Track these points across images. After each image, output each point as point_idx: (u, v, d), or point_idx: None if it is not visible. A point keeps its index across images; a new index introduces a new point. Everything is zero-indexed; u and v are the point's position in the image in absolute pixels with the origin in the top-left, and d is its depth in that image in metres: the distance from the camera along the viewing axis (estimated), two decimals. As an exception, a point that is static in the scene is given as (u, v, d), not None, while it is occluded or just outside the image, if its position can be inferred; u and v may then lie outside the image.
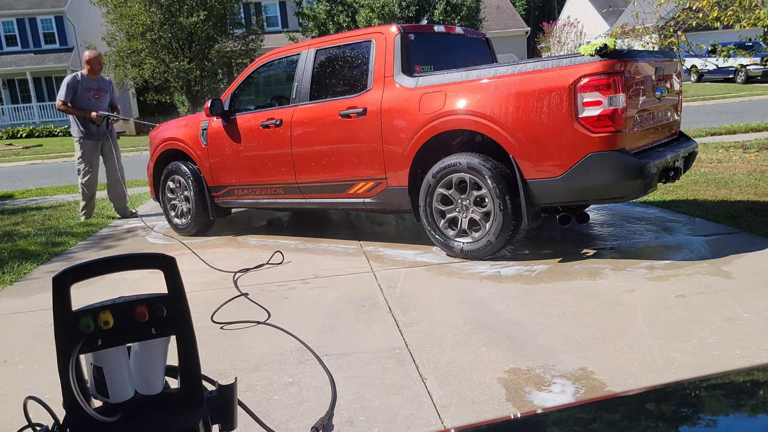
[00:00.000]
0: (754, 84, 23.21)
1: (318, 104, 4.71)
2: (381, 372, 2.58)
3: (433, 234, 4.25)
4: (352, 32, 4.77)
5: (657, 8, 8.64)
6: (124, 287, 4.09)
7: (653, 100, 3.98)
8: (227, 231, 5.86)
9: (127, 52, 23.51)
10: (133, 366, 0.98)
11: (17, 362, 3.02)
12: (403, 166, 4.27)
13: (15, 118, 28.52)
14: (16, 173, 15.23)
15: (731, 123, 11.39)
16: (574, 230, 4.77)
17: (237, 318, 3.39)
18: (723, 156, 7.70)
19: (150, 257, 0.96)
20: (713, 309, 2.96)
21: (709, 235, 4.29)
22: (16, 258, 5.13)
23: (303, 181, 4.85)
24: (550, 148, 3.69)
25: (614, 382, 2.33)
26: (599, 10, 32.87)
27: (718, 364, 2.41)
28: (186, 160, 5.67)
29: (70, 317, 0.90)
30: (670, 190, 5.82)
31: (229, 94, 5.31)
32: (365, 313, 3.31)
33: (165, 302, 0.96)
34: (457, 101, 3.98)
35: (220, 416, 1.03)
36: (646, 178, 3.59)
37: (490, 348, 2.72)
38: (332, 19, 23.08)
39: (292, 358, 2.80)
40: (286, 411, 2.32)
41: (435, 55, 4.72)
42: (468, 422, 2.14)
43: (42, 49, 29.09)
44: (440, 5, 21.76)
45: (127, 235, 6.03)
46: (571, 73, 3.58)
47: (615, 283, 3.44)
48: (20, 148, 23.33)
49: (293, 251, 4.85)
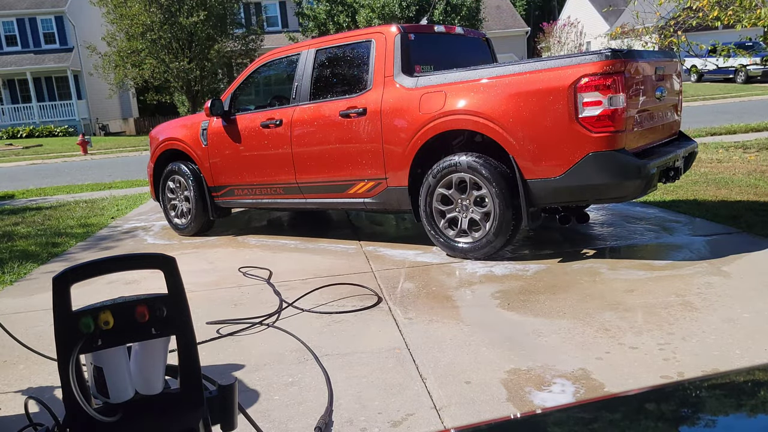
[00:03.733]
0: (754, 84, 23.21)
1: (318, 104, 4.71)
2: (381, 372, 2.58)
3: (433, 234, 4.25)
4: (352, 32, 4.77)
5: (657, 8, 8.64)
6: (125, 287, 4.09)
7: (653, 100, 3.98)
8: (227, 231, 5.86)
9: (127, 52, 23.53)
10: (133, 366, 0.98)
11: (17, 362, 3.02)
12: (403, 166, 4.27)
13: (15, 118, 28.52)
14: (16, 173, 15.24)
15: (731, 123, 11.39)
16: (574, 230, 4.77)
17: (238, 315, 3.39)
18: (723, 156, 7.70)
19: (150, 257, 0.96)
20: (713, 309, 2.96)
21: (709, 235, 4.29)
22: (16, 258, 5.13)
23: (303, 181, 4.85)
24: (550, 148, 3.69)
25: (614, 382, 2.33)
26: (599, 10, 32.90)
27: (718, 364, 2.41)
28: (186, 160, 5.67)
29: (70, 317, 0.90)
30: (670, 190, 5.82)
31: (229, 94, 5.31)
32: (365, 312, 3.31)
33: (165, 302, 0.96)
34: (457, 101, 3.98)
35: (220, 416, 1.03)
36: (646, 178, 3.59)
37: (490, 348, 2.72)
38: (332, 19, 23.09)
39: (292, 358, 2.80)
40: (286, 411, 2.32)
41: (435, 55, 4.72)
42: (468, 422, 2.14)
43: (42, 49, 29.08)
44: (440, 5, 21.76)
45: (127, 235, 6.03)
46: (571, 73, 3.58)
47: (615, 283, 3.44)
48: (20, 148, 23.33)
49: (293, 251, 4.85)
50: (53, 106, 28.92)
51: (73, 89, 28.76)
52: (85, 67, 28.27)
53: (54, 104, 28.93)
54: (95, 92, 29.76)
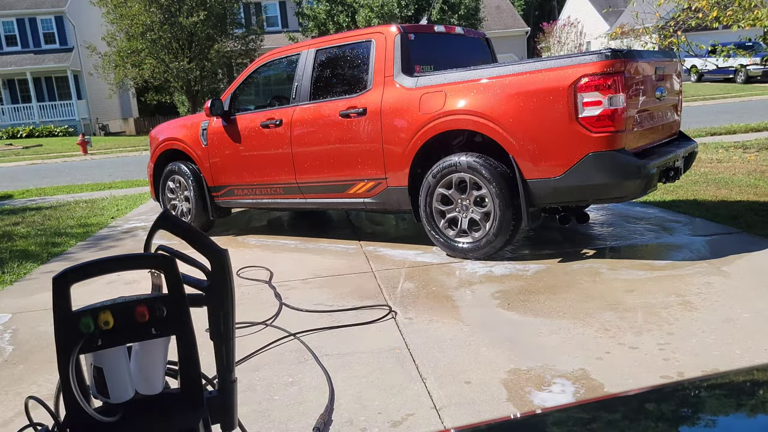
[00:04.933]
0: (754, 84, 23.20)
1: (318, 104, 4.71)
2: (381, 372, 2.58)
3: (433, 234, 4.25)
4: (352, 32, 4.77)
5: (657, 8, 8.64)
6: (125, 287, 4.09)
7: (653, 100, 3.98)
8: (227, 231, 5.86)
9: (127, 52, 23.53)
10: (133, 366, 0.98)
11: (17, 362, 3.02)
12: (403, 166, 4.27)
13: (15, 118, 28.51)
14: (16, 173, 15.24)
15: (731, 123, 11.39)
16: (574, 230, 4.77)
17: (238, 318, 3.39)
18: (723, 156, 7.70)
19: (150, 257, 0.96)
20: (713, 309, 2.96)
21: (709, 235, 4.29)
22: (16, 258, 5.13)
23: (303, 181, 4.85)
24: (549, 148, 3.69)
25: (614, 382, 2.33)
26: (599, 10, 32.90)
27: (718, 364, 2.41)
28: (186, 160, 5.67)
29: (70, 317, 0.90)
30: (670, 190, 5.82)
31: (229, 94, 5.31)
32: (365, 313, 3.31)
33: (165, 302, 0.96)
34: (457, 101, 3.98)
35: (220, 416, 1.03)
36: (646, 178, 3.59)
37: (490, 348, 2.72)
38: (332, 19, 23.08)
39: (292, 358, 2.80)
40: (286, 411, 2.32)
41: (435, 55, 4.72)
42: (468, 422, 2.14)
43: (42, 49, 29.07)
44: (437, 4, 21.76)
45: (127, 235, 6.03)
46: (571, 73, 3.58)
47: (615, 283, 3.44)
48: (20, 148, 23.33)
49: (293, 251, 4.85)
50: (53, 106, 28.91)
51: (73, 89, 28.76)
52: (85, 67, 28.26)
53: (54, 104, 28.93)
54: (95, 92, 29.75)
